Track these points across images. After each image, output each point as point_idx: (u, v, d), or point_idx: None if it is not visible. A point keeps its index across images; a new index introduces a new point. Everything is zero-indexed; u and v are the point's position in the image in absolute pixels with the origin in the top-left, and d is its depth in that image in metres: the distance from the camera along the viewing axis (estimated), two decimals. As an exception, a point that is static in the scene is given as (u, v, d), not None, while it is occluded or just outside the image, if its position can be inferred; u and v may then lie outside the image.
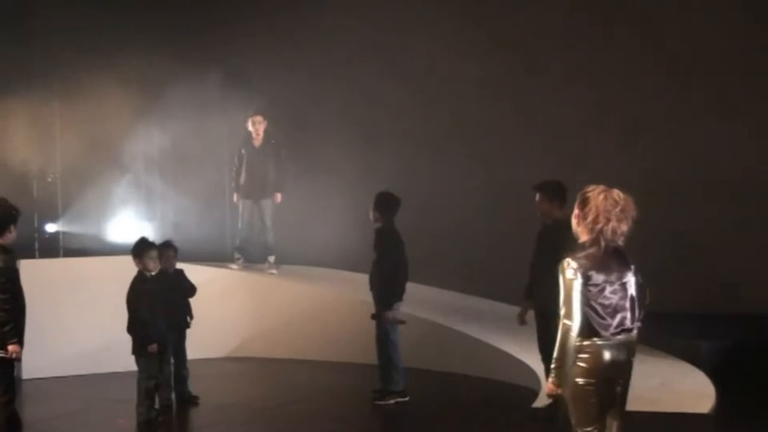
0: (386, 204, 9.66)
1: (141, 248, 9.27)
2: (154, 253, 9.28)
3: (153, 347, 9.11)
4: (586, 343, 5.34)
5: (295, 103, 13.93)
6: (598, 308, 5.33)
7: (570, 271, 5.34)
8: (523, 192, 12.34)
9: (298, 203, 13.26)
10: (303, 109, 13.99)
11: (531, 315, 9.06)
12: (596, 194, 5.38)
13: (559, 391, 5.48)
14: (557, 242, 6.54)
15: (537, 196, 8.69)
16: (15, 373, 7.80)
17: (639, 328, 5.48)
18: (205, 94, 13.20)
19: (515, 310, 12.48)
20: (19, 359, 7.48)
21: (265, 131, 12.85)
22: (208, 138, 13.55)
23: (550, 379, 5.51)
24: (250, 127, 12.86)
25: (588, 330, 5.34)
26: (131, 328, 9.13)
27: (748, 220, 12.22)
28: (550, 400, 5.73)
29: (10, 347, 7.28)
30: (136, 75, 13.33)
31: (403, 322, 9.72)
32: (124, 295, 9.19)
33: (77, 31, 13.55)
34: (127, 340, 9.18)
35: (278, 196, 12.95)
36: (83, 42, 13.51)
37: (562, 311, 5.38)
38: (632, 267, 5.46)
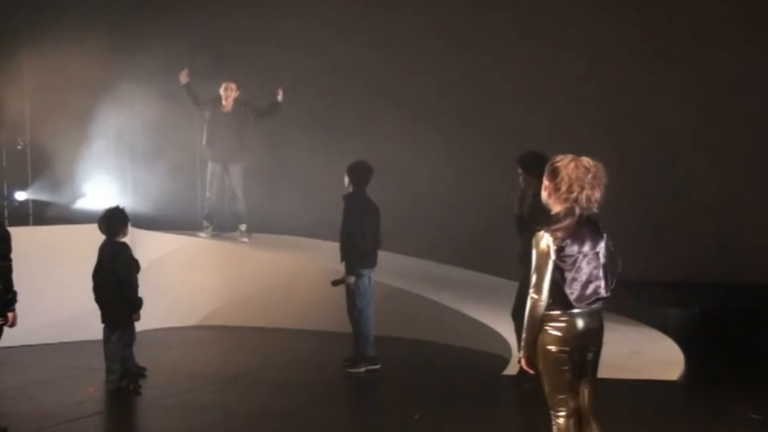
0: (357, 172, 9.70)
1: (125, 217, 9.22)
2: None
3: (137, 315, 9.11)
4: (557, 312, 5.30)
5: (267, 72, 13.83)
6: (572, 281, 5.27)
7: (543, 244, 5.27)
8: (496, 164, 12.43)
9: (269, 172, 13.20)
10: (276, 78, 13.91)
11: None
12: (566, 163, 5.30)
13: (531, 370, 5.41)
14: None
15: (520, 170, 8.24)
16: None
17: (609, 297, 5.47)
18: (176, 61, 13.06)
19: (486, 278, 12.64)
20: None
21: (235, 99, 12.73)
22: (179, 106, 13.44)
23: (522, 354, 5.44)
24: (222, 92, 12.75)
25: (561, 303, 5.29)
26: (124, 296, 8.99)
27: (719, 192, 12.31)
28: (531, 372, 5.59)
29: None
30: (106, 42, 13.21)
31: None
32: (93, 264, 9.12)
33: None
34: (97, 309, 9.12)
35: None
36: (51, 8, 13.33)
37: (532, 284, 5.30)
38: (604, 235, 5.43)
